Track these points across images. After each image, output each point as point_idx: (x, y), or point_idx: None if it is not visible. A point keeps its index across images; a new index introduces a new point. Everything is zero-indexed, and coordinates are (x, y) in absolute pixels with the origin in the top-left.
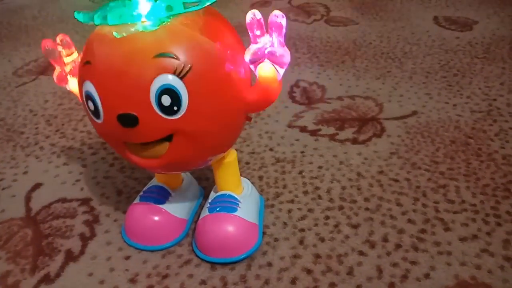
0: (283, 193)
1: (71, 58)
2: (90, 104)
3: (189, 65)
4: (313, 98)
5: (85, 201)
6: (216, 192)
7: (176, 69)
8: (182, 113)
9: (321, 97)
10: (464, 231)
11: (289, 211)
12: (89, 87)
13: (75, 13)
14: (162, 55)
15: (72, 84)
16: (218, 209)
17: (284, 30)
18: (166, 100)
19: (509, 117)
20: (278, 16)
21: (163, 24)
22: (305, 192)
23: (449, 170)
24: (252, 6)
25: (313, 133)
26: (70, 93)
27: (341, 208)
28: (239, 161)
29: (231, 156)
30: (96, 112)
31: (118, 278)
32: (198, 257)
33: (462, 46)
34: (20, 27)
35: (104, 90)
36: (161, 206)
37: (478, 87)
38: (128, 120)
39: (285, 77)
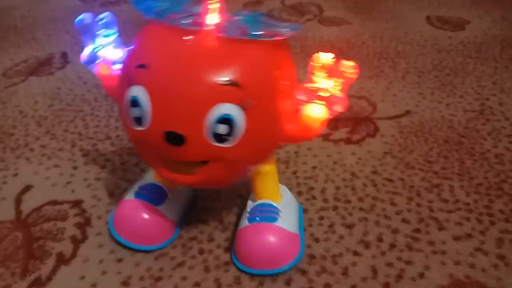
0: None
1: (109, 39)
2: (135, 110)
3: (255, 100)
4: None
5: (76, 203)
6: (254, 200)
7: (242, 100)
8: (231, 144)
9: None
10: (458, 230)
11: None
12: (140, 93)
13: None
14: (231, 83)
15: (103, 69)
16: (257, 219)
17: (351, 82)
18: (223, 129)
19: (501, 116)
20: (351, 68)
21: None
22: (299, 193)
23: (443, 170)
24: (244, 6)
25: None
26: (60, 93)
27: (335, 208)
28: None
29: (270, 163)
30: (139, 120)
31: (110, 281)
32: (238, 268)
33: (454, 45)
34: (9, 27)
35: (159, 102)
36: (156, 206)
37: (471, 87)
38: (175, 140)
39: None
